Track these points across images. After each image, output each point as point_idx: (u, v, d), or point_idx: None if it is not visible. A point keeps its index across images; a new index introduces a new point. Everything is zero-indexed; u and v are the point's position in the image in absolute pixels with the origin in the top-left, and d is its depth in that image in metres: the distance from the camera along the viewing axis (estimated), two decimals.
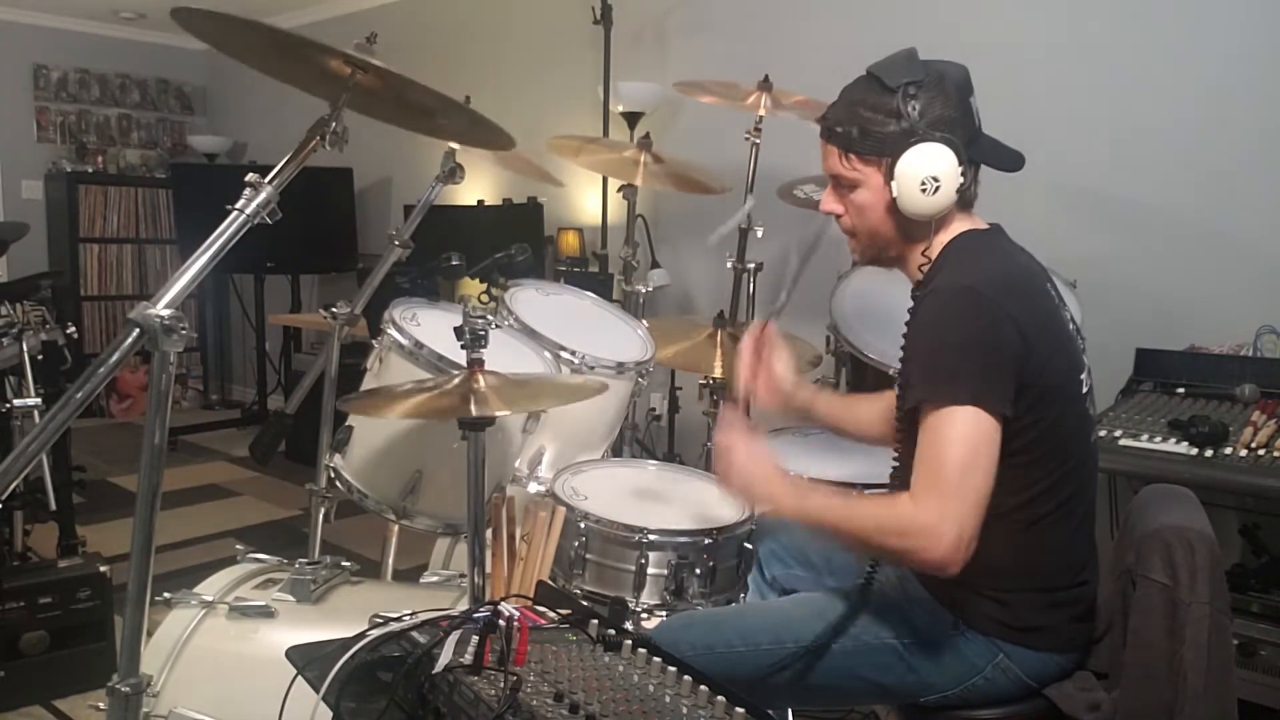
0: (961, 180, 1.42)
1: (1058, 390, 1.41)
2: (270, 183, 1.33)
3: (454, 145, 2.23)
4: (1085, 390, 1.47)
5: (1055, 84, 2.94)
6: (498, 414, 1.46)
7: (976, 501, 1.30)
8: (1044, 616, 1.44)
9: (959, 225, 1.49)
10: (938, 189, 1.40)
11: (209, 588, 1.82)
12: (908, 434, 1.41)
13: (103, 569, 2.68)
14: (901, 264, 1.55)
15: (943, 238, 1.48)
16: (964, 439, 1.30)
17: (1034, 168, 1.61)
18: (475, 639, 1.11)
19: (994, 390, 1.32)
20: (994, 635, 1.44)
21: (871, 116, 1.44)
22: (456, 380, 1.52)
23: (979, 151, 1.47)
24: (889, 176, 1.43)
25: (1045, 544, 1.44)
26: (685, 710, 1.03)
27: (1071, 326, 1.49)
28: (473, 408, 1.44)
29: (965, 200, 1.48)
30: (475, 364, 1.51)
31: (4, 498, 1.17)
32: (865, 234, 1.53)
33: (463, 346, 1.51)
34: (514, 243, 2.31)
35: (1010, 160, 1.53)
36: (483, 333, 1.50)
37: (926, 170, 1.40)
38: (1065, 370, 1.43)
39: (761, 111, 2.80)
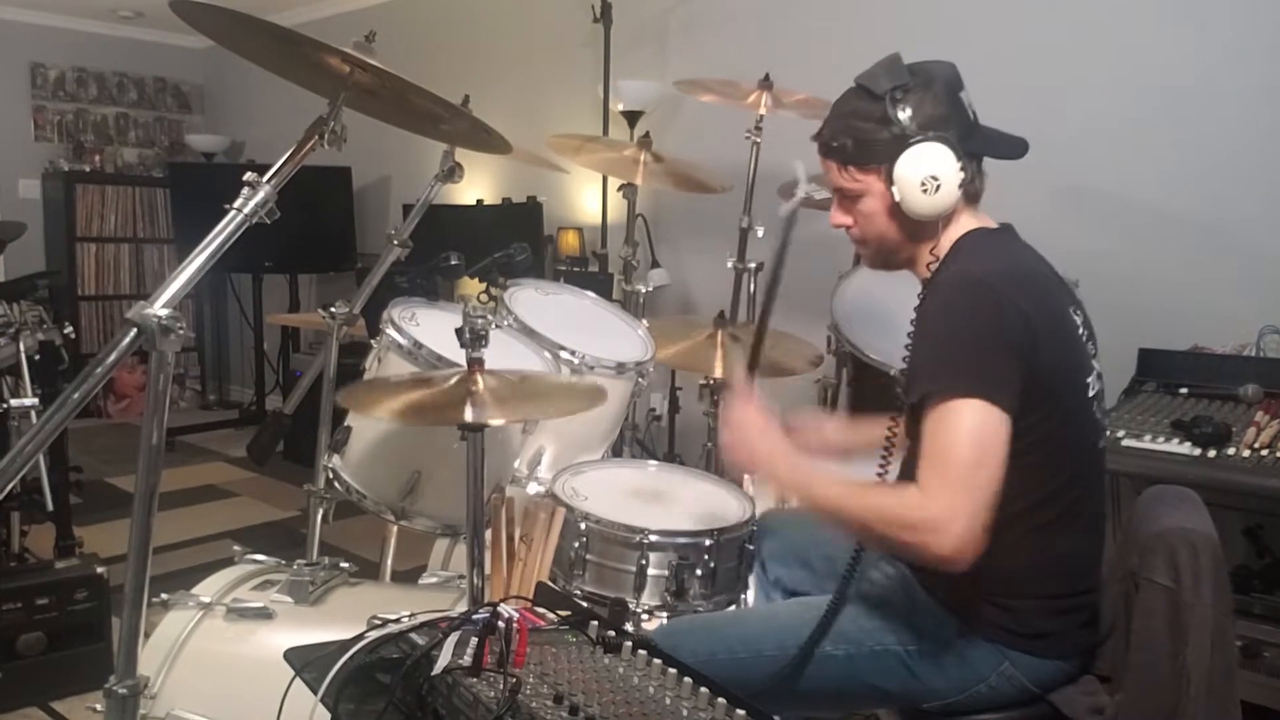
0: (962, 175, 1.41)
1: (1063, 389, 1.39)
2: (268, 182, 1.32)
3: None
4: (1093, 394, 1.46)
5: (1058, 82, 2.93)
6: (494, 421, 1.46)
7: (987, 495, 1.27)
8: (1052, 624, 1.43)
9: (967, 223, 1.49)
10: (939, 187, 1.41)
11: (206, 589, 1.82)
12: (912, 430, 1.39)
13: (100, 570, 2.67)
14: (911, 265, 1.55)
15: (951, 233, 1.48)
16: (972, 432, 1.28)
17: (1037, 166, 1.60)
18: (474, 640, 1.10)
19: (1001, 383, 1.31)
20: (1000, 642, 1.42)
21: (863, 126, 1.45)
22: (455, 380, 1.51)
23: (978, 144, 1.46)
24: (889, 182, 1.44)
25: (1053, 550, 1.42)
26: (686, 713, 1.02)
27: (1082, 331, 1.47)
28: (469, 409, 1.43)
29: (970, 195, 1.47)
30: (475, 364, 1.50)
31: (1, 498, 1.16)
32: (874, 240, 1.54)
33: (463, 346, 1.50)
34: (513, 242, 2.30)
35: (1012, 148, 1.53)
36: (483, 332, 1.49)
37: (925, 170, 1.41)
38: (1071, 370, 1.42)
39: (762, 110, 2.79)
